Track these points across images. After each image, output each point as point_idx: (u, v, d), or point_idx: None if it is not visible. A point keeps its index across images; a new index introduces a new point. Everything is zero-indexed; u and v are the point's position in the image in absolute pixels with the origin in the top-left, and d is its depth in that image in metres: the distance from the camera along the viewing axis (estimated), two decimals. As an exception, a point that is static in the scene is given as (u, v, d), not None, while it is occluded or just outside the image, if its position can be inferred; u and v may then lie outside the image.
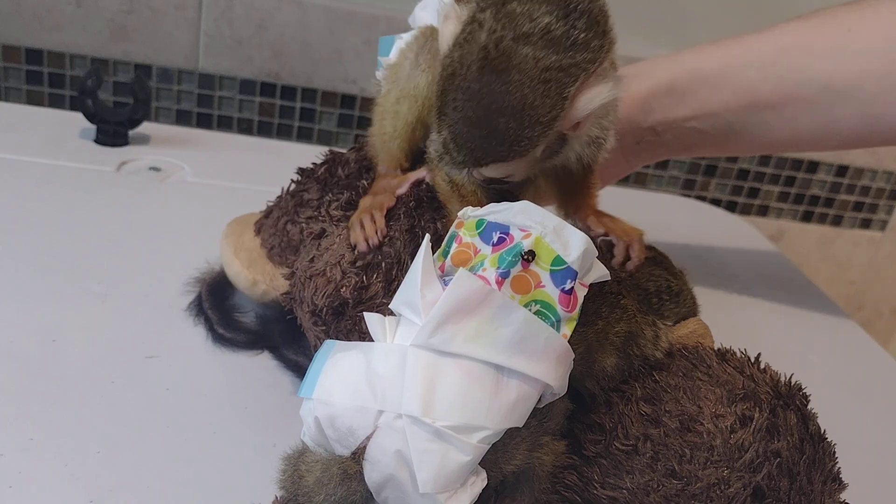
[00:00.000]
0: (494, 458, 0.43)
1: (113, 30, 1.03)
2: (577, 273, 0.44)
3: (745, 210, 1.30)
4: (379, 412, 0.41)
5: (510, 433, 0.43)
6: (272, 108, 1.11)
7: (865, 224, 1.36)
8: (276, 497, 0.45)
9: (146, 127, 0.95)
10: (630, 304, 0.50)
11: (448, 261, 0.46)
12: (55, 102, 1.06)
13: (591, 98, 0.46)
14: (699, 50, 0.76)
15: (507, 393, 0.42)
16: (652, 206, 1.09)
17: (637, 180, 1.22)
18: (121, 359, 0.60)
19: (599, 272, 0.45)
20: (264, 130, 1.12)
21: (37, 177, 0.83)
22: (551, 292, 0.44)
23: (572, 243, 0.44)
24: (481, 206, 0.48)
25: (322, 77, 1.10)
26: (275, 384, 0.61)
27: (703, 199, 1.25)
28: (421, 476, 0.40)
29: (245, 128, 1.12)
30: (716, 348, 0.53)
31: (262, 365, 0.63)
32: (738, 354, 0.53)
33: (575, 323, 0.44)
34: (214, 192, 0.87)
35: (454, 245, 0.46)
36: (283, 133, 1.13)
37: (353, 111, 1.12)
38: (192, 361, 0.61)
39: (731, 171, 1.25)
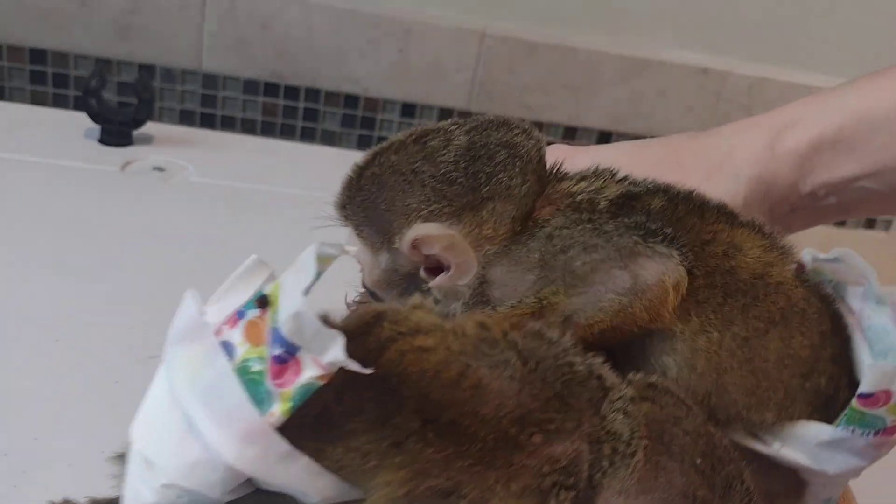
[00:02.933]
0: None
1: (117, 30, 1.03)
2: (286, 340, 0.34)
3: (749, 210, 1.30)
4: None
5: None
6: (275, 108, 1.11)
7: (870, 224, 1.36)
8: None
9: (150, 127, 0.95)
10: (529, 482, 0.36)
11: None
12: (59, 103, 1.06)
13: (426, 228, 0.45)
14: (864, 86, 0.61)
15: (191, 447, 0.35)
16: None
17: (641, 180, 1.22)
18: (124, 358, 0.60)
19: (336, 356, 0.34)
20: (268, 130, 1.12)
21: (41, 177, 0.83)
22: (268, 354, 0.35)
23: (287, 299, 0.35)
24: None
25: (325, 77, 1.10)
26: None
27: (706, 199, 1.25)
28: (125, 492, 0.38)
29: (248, 128, 1.12)
30: None
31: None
32: None
33: (291, 406, 0.34)
34: (219, 192, 0.87)
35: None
36: (287, 133, 1.13)
37: (357, 111, 1.12)
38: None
39: (734, 171, 1.25)
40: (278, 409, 0.34)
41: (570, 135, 1.17)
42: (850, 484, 0.49)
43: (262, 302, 0.36)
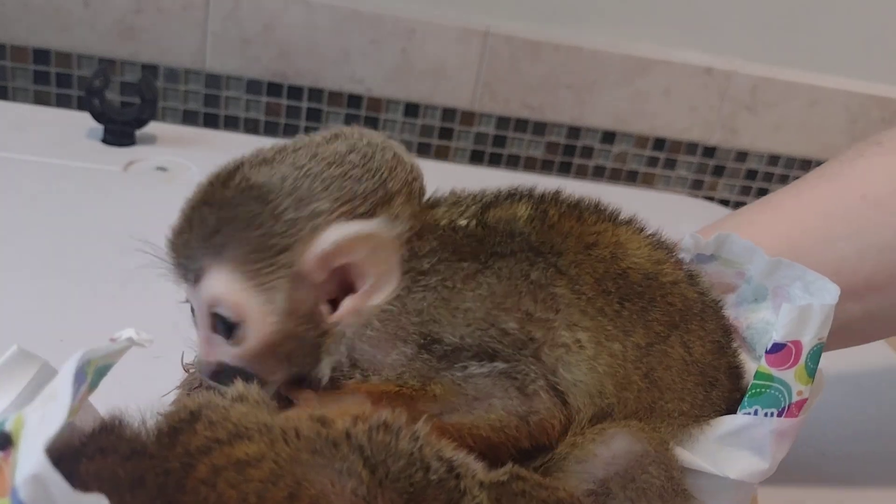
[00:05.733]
0: None
1: (120, 30, 1.03)
2: None
3: (753, 210, 1.29)
4: None
5: None
6: (279, 108, 1.11)
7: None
8: None
9: (153, 127, 0.95)
10: None
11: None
12: (62, 103, 1.06)
13: (347, 228, 0.38)
14: (753, 221, 0.54)
15: None
16: (659, 206, 1.09)
17: (644, 180, 1.22)
18: (128, 359, 0.60)
19: None
20: (271, 130, 1.12)
21: (44, 176, 0.83)
22: None
23: (27, 449, 0.28)
24: None
25: (328, 77, 1.09)
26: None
27: (711, 199, 1.25)
28: None
29: (251, 128, 1.12)
30: None
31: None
32: None
33: None
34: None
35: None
36: (290, 133, 1.13)
37: (360, 111, 1.12)
38: (199, 361, 0.61)
39: (739, 172, 1.25)
40: None
41: (574, 135, 1.17)
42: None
43: (2, 442, 0.29)
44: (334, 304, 0.40)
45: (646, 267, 0.41)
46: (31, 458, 0.27)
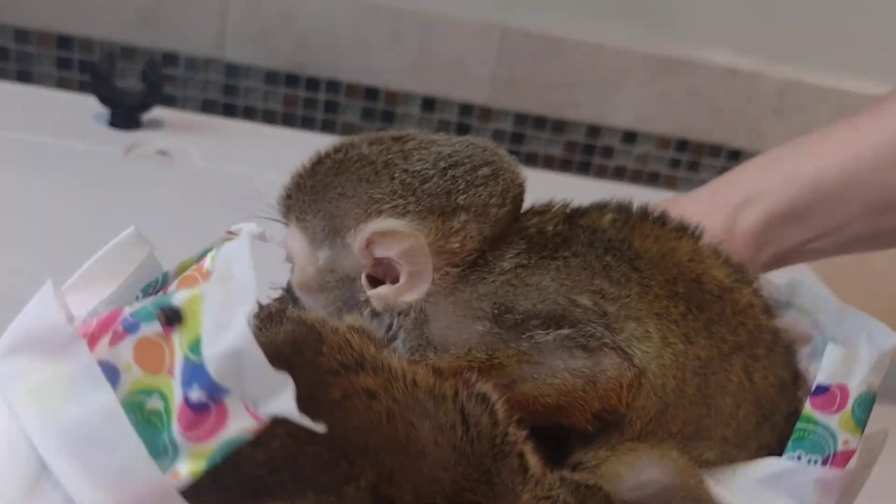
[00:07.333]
0: None
1: (142, 18, 1.05)
2: (213, 381, 0.26)
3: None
4: None
5: None
6: (296, 99, 1.11)
7: None
8: None
9: (161, 112, 0.96)
10: None
11: (177, 281, 0.35)
12: (85, 89, 1.07)
13: (388, 223, 0.40)
14: (811, 151, 0.62)
15: (46, 499, 0.27)
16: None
17: (667, 182, 1.19)
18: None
19: (285, 408, 0.26)
20: (288, 122, 1.12)
21: (47, 158, 0.85)
22: (176, 393, 0.27)
23: (229, 327, 0.27)
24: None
25: (347, 69, 1.09)
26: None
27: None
28: None
29: (269, 119, 1.12)
30: None
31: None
32: None
33: (204, 464, 0.26)
34: (221, 178, 0.87)
35: (206, 260, 0.36)
36: (307, 125, 1.13)
37: (377, 104, 1.12)
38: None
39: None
40: (186, 469, 0.26)
41: (594, 134, 1.15)
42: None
43: (171, 317, 0.27)
44: (375, 282, 0.42)
45: (724, 282, 0.41)
46: (230, 334, 0.26)
